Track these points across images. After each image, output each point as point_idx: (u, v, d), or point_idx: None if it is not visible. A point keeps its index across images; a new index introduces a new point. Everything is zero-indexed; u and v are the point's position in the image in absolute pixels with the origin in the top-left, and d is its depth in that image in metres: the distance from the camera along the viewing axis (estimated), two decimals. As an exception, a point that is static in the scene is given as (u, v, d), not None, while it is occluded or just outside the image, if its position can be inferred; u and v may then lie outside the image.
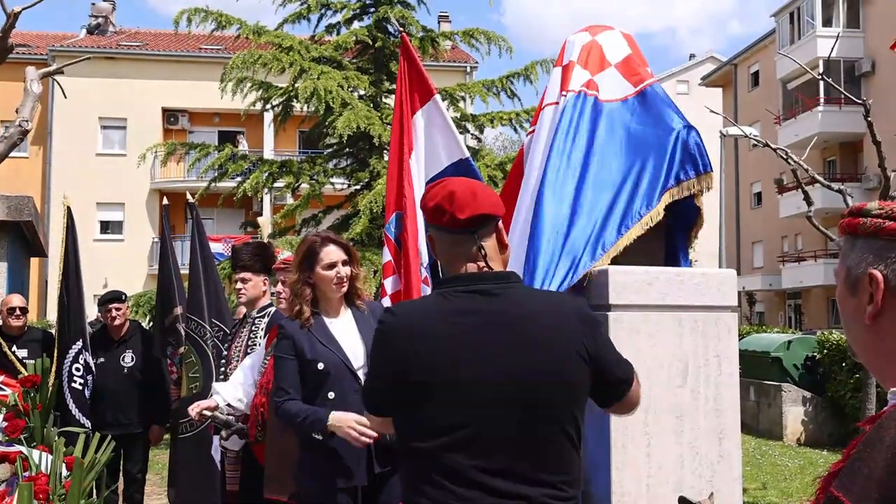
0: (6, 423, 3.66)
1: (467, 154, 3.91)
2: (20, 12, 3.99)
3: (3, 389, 4.19)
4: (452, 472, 1.83)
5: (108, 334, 5.97)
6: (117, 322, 5.94)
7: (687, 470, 2.98)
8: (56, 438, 3.58)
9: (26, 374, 4.08)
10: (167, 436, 6.06)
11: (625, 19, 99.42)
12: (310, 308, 3.03)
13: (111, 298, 6.02)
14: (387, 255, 3.78)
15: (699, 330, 3.04)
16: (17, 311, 5.76)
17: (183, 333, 5.46)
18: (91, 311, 11.15)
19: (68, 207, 4.59)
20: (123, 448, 5.55)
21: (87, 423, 4.01)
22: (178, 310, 5.79)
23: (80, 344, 4.34)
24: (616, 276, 2.96)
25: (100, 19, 33.57)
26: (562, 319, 1.96)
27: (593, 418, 2.92)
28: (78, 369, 4.27)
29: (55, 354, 4.76)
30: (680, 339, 3.01)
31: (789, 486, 8.58)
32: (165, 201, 6.79)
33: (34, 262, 10.31)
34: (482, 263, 1.96)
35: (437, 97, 4.72)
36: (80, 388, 4.23)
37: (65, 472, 3.46)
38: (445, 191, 1.99)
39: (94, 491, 3.62)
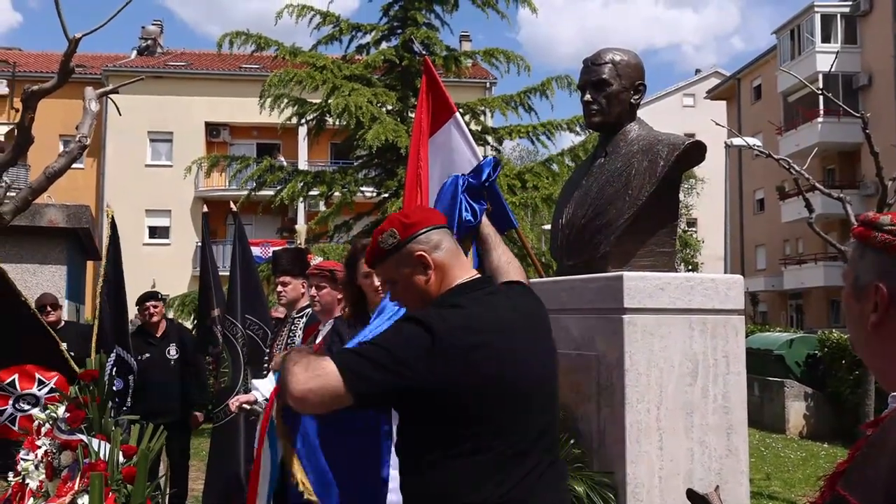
0: (68, 414, 3.71)
1: None
2: (81, 38, 4.03)
3: (57, 391, 4.24)
4: (524, 465, 1.81)
5: (149, 331, 6.04)
6: (154, 319, 6.01)
7: (697, 463, 2.97)
8: (113, 428, 3.62)
9: (77, 368, 4.12)
10: (210, 425, 6.14)
11: (631, 37, 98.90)
12: (351, 308, 3.05)
13: (148, 297, 6.09)
14: None
15: (708, 332, 3.03)
16: (48, 308, 5.79)
17: (219, 334, 5.52)
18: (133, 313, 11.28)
19: (112, 217, 4.59)
20: (170, 435, 5.62)
21: (120, 420, 4.04)
22: (216, 312, 5.85)
23: (116, 349, 4.37)
24: (630, 282, 2.95)
25: (149, 41, 33.98)
26: (541, 307, 2.05)
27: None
28: (114, 371, 4.30)
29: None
30: (690, 341, 3.00)
31: (792, 476, 8.50)
32: (205, 209, 6.84)
33: (89, 265, 10.44)
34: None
35: (458, 115, 4.73)
36: (115, 389, 4.27)
37: (121, 459, 3.51)
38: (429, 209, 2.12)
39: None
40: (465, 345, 1.77)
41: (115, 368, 4.24)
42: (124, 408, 4.28)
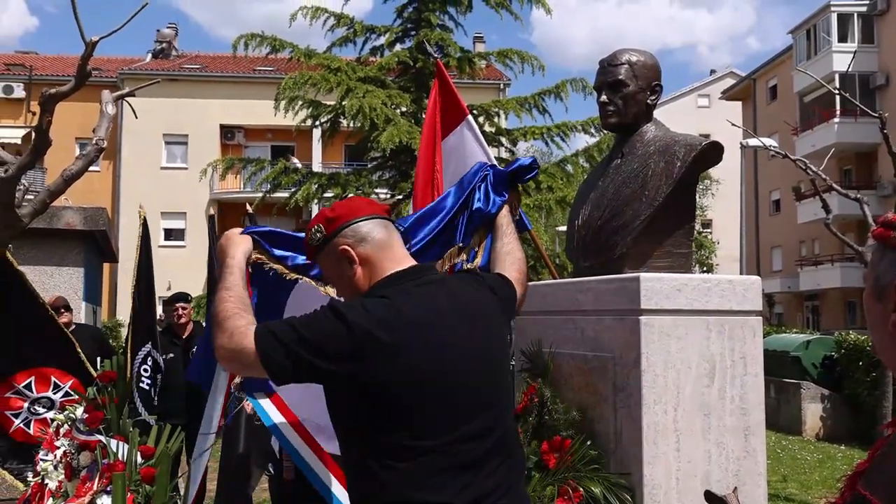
0: (87, 415, 3.74)
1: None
2: (98, 41, 4.06)
3: (72, 394, 4.28)
4: (464, 462, 1.70)
5: (176, 332, 6.12)
6: (183, 320, 6.09)
7: (714, 465, 2.95)
8: (131, 429, 3.65)
9: (93, 371, 4.16)
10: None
11: (645, 37, 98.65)
12: None
13: (178, 298, 6.17)
14: None
15: (726, 333, 3.01)
16: (62, 310, 5.86)
17: None
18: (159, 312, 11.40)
19: (144, 217, 4.64)
20: (189, 435, 5.66)
21: (150, 420, 4.07)
22: None
23: (148, 346, 4.41)
24: (647, 283, 2.94)
25: (164, 44, 34.25)
26: (488, 296, 1.96)
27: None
28: (146, 370, 4.34)
29: (128, 355, 4.85)
30: (707, 342, 2.99)
31: (808, 478, 8.44)
32: (212, 212, 6.92)
33: (105, 266, 10.53)
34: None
35: (470, 118, 4.73)
36: (147, 388, 4.30)
37: (139, 460, 3.54)
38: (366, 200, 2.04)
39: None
40: (386, 337, 1.69)
41: (142, 366, 4.28)
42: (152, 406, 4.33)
